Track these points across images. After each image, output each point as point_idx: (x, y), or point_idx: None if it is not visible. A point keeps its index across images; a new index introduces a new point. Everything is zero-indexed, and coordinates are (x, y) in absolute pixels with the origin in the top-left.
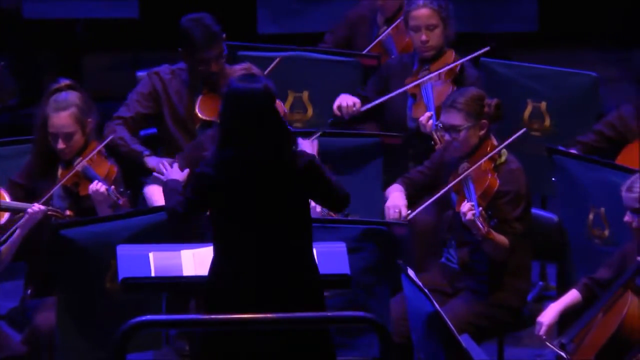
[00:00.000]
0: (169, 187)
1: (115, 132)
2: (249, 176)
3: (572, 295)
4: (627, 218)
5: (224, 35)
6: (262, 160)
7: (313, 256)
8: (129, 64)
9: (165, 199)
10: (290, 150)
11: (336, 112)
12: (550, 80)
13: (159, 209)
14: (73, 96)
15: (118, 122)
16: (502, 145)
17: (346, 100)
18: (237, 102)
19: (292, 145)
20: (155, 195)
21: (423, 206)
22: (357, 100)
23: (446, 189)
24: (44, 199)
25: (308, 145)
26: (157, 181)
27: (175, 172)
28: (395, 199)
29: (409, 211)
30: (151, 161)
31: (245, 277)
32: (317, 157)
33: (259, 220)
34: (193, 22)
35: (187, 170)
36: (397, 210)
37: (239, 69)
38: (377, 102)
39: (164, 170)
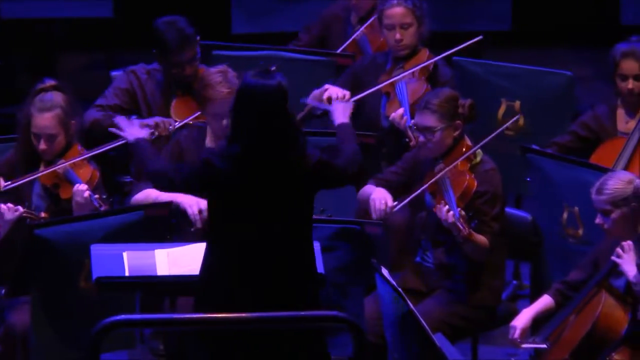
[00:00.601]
0: (146, 149)
1: (89, 114)
2: (254, 173)
3: (545, 301)
4: (598, 220)
5: (198, 38)
6: (269, 157)
7: (313, 256)
8: (103, 63)
9: (144, 159)
10: (300, 149)
11: (325, 103)
12: (524, 80)
13: (133, 208)
14: (58, 97)
15: (98, 109)
16: (479, 145)
17: (336, 92)
18: (249, 97)
19: (301, 144)
20: (134, 129)
21: (408, 199)
22: (347, 92)
23: (424, 187)
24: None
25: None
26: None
27: (136, 129)
28: (380, 192)
29: (395, 202)
30: (142, 120)
31: (242, 276)
32: (322, 155)
33: (259, 218)
34: (166, 25)
35: (147, 130)
36: (383, 202)
37: (215, 71)
38: (363, 94)
39: (123, 126)
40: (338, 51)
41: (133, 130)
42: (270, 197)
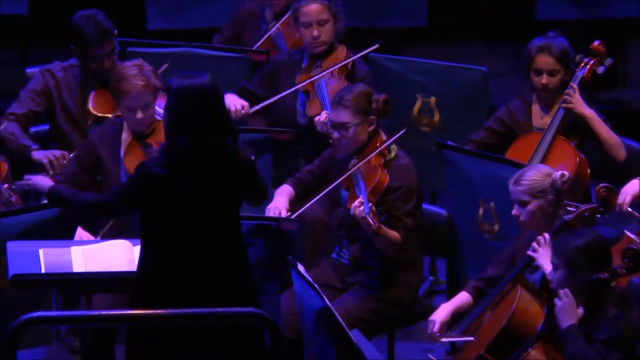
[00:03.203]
0: (62, 192)
1: (6, 127)
2: (196, 172)
3: (463, 297)
4: (514, 211)
5: (115, 32)
6: (213, 155)
7: (247, 255)
8: (18, 60)
9: (68, 201)
10: (236, 145)
11: None
12: (440, 75)
13: (47, 205)
14: None
15: (11, 118)
16: (390, 140)
17: (234, 103)
18: (190, 98)
19: (236, 141)
20: (40, 179)
21: (305, 207)
22: (244, 103)
23: (333, 185)
24: None
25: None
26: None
27: (41, 178)
28: (278, 202)
29: (289, 214)
30: (37, 154)
31: (181, 276)
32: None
33: (197, 216)
34: (85, 19)
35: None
36: (277, 212)
37: (130, 65)
38: (266, 102)
39: (32, 183)
40: (253, 48)
41: (39, 180)
42: (209, 194)
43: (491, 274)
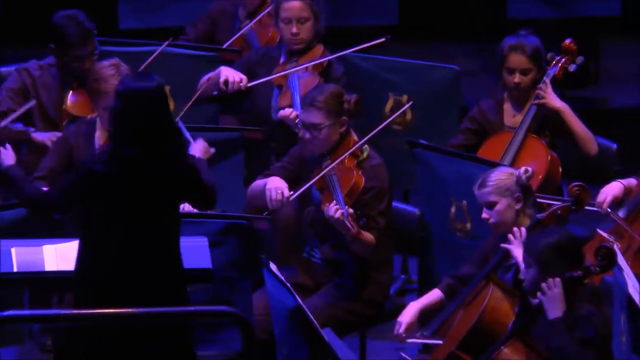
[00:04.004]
0: (16, 175)
1: None
2: (138, 173)
3: (434, 294)
4: (484, 215)
5: (95, 32)
6: (157, 157)
7: (179, 254)
8: None
9: (17, 186)
10: (181, 149)
11: (222, 86)
12: (412, 74)
13: (18, 204)
14: None
15: None
16: (363, 140)
17: (233, 75)
18: (135, 100)
19: (182, 145)
20: (4, 154)
21: (303, 188)
22: (243, 77)
23: (310, 182)
24: None
25: (199, 147)
26: None
27: (8, 154)
28: (276, 181)
29: (291, 192)
30: (38, 136)
31: (114, 272)
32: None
33: (134, 217)
34: (67, 19)
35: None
36: (279, 191)
37: (107, 65)
38: (260, 80)
39: None
40: (225, 46)
41: (4, 155)
42: (148, 196)
43: (464, 272)
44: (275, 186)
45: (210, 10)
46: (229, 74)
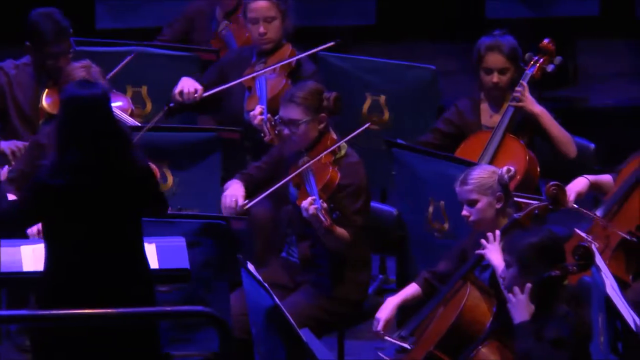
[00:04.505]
0: None
1: None
2: (89, 180)
3: (412, 289)
4: (464, 212)
5: (71, 31)
6: (105, 163)
7: (144, 256)
8: None
9: None
10: (129, 154)
11: (177, 97)
12: (389, 74)
13: None
14: None
15: None
16: (344, 140)
17: (188, 86)
18: (77, 108)
19: (130, 149)
20: None
21: (260, 197)
22: (198, 87)
23: (285, 180)
24: None
25: None
26: None
27: None
28: (234, 189)
29: (246, 201)
30: (1, 145)
31: (76, 275)
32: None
33: (93, 221)
34: (42, 17)
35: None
36: (233, 199)
37: (78, 66)
38: (217, 89)
39: None
40: (203, 46)
41: None
42: (103, 200)
43: (442, 269)
44: (231, 193)
45: (186, 11)
46: (185, 85)
